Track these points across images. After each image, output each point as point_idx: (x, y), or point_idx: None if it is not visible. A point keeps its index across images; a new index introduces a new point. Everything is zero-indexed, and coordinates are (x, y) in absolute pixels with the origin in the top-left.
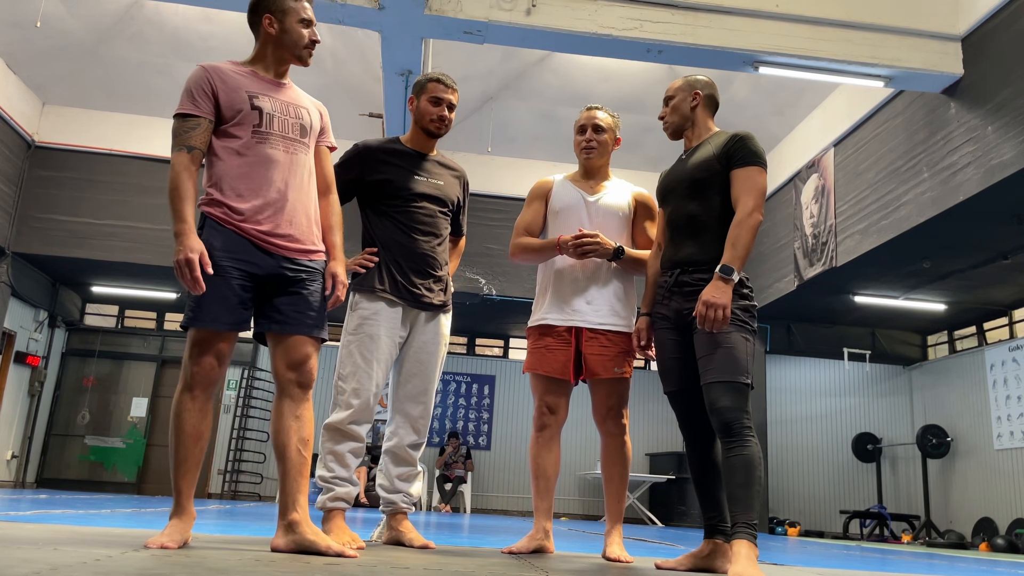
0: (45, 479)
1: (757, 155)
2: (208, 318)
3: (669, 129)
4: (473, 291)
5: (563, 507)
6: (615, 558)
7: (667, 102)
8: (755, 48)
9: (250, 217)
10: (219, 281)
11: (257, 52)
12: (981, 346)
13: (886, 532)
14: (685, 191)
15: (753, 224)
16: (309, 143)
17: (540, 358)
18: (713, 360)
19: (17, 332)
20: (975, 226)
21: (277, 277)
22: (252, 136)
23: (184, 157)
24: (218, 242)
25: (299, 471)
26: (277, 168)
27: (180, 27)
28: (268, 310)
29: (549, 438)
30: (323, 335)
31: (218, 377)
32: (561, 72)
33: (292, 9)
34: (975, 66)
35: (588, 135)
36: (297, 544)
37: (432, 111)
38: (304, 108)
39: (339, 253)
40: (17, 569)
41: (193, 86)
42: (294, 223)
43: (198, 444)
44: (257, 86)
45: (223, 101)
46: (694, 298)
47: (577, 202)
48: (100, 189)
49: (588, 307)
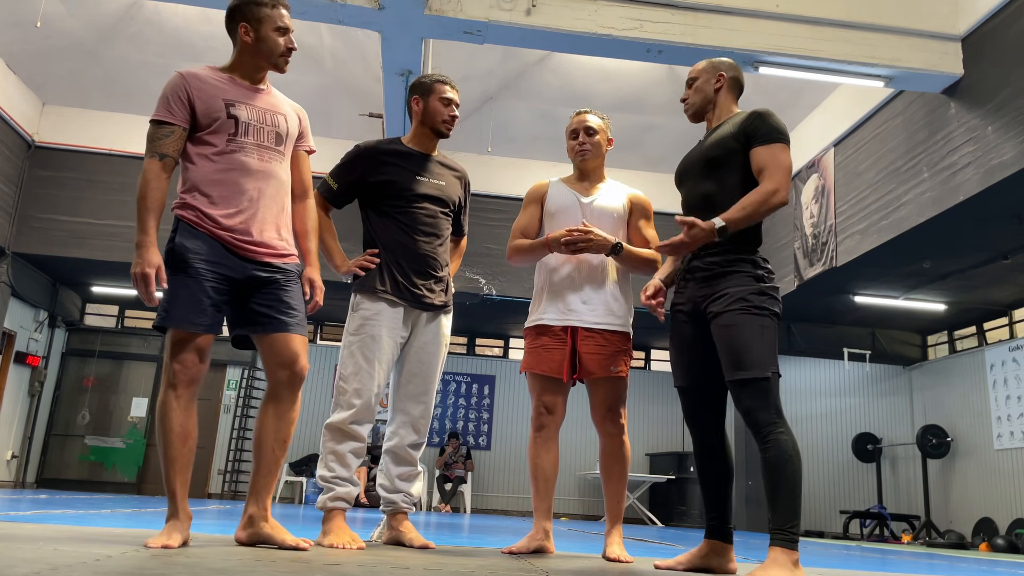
0: (45, 479)
1: (779, 131)
2: (182, 319)
3: (691, 110)
4: (473, 291)
5: (563, 507)
6: (615, 558)
7: (690, 83)
8: (755, 48)
9: (222, 222)
10: (191, 283)
11: (234, 59)
12: (981, 346)
13: (886, 532)
14: (700, 170)
15: (772, 200)
16: (284, 151)
17: (537, 358)
18: (730, 356)
19: (17, 332)
20: (975, 226)
21: (252, 280)
22: (227, 144)
23: (156, 164)
24: (192, 244)
25: (270, 469)
26: (250, 176)
27: (180, 27)
28: (248, 314)
29: (547, 438)
30: (304, 333)
31: (200, 374)
32: (561, 72)
33: (268, 17)
34: (975, 66)
35: (581, 138)
36: (256, 536)
37: (443, 111)
38: (282, 115)
39: (314, 259)
40: (17, 569)
41: (169, 93)
42: (264, 232)
43: (187, 443)
44: (235, 93)
45: (199, 109)
46: (707, 284)
47: (572, 203)
48: (100, 189)
49: (584, 307)
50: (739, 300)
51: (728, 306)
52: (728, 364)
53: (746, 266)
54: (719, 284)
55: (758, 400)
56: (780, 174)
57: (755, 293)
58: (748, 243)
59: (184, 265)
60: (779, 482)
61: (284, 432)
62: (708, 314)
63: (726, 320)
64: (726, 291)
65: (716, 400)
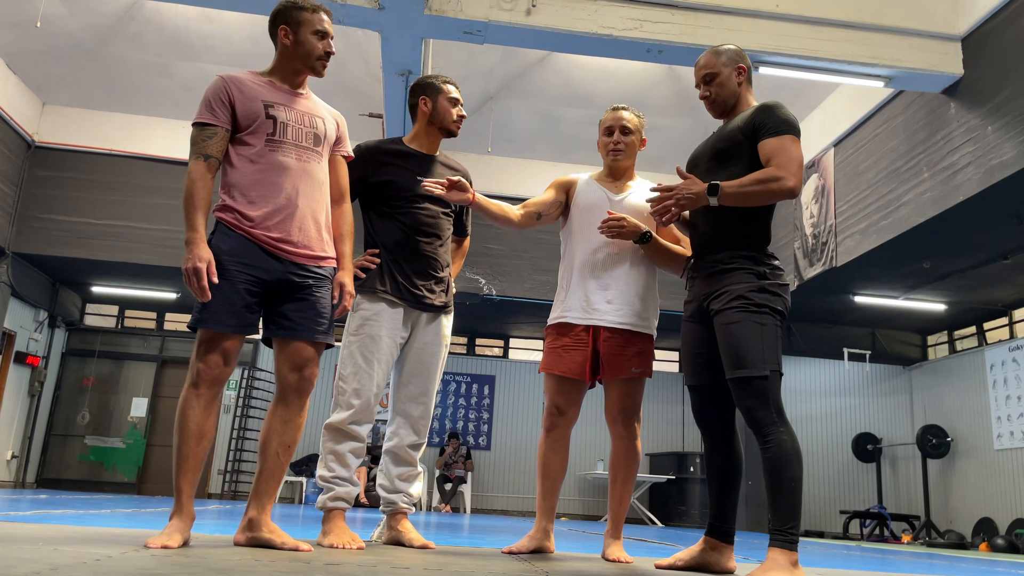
0: (45, 479)
1: (788, 123)
2: (213, 320)
3: (717, 107)
4: (473, 291)
5: (563, 507)
6: (615, 559)
7: (709, 79)
8: (755, 48)
9: (260, 223)
10: (226, 285)
11: (275, 63)
12: (981, 346)
13: (886, 532)
14: (707, 163)
15: (774, 185)
16: (322, 152)
17: (556, 359)
18: (728, 354)
19: (17, 332)
20: (975, 226)
21: (285, 283)
22: (265, 144)
23: (200, 166)
24: (227, 247)
25: (272, 473)
26: (288, 175)
27: (180, 27)
28: (277, 316)
29: (556, 439)
30: (330, 340)
31: (224, 376)
32: (561, 72)
33: (307, 21)
34: (975, 66)
35: (616, 137)
36: (255, 540)
37: (453, 111)
38: (320, 118)
39: (348, 263)
40: (17, 569)
41: (211, 96)
42: (303, 229)
43: (201, 443)
44: (274, 96)
45: (239, 110)
46: (710, 281)
47: (602, 200)
48: (100, 189)
49: (608, 306)
50: (738, 298)
51: (727, 304)
52: (728, 362)
53: (747, 263)
54: (720, 282)
55: (757, 399)
56: (789, 164)
57: (755, 291)
58: (751, 240)
59: (219, 267)
60: (779, 482)
61: (289, 437)
62: (711, 312)
63: (725, 318)
64: (726, 289)
65: (724, 399)
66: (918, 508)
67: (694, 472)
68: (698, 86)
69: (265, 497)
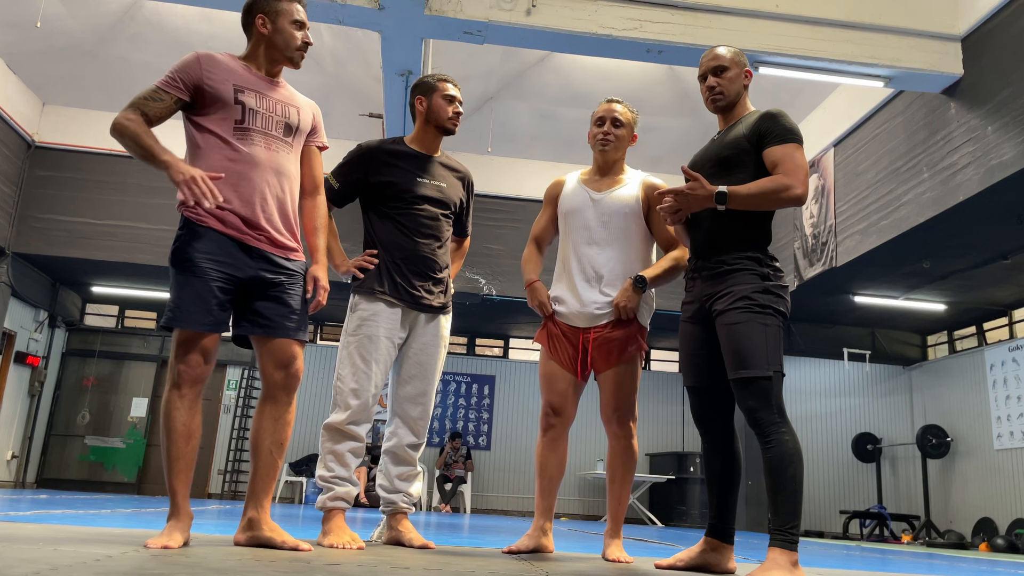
0: (45, 479)
1: (792, 132)
2: (188, 319)
3: (723, 102)
4: (473, 291)
5: (563, 507)
6: (615, 559)
7: (720, 71)
8: (755, 48)
9: (227, 212)
10: (198, 282)
11: (249, 52)
12: (981, 346)
13: (886, 532)
14: (711, 170)
15: (783, 194)
16: (294, 143)
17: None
18: (732, 355)
19: (17, 332)
20: (975, 226)
21: (258, 280)
22: (233, 132)
23: (133, 114)
24: (199, 244)
25: (267, 472)
26: (257, 165)
27: (180, 27)
28: (250, 314)
29: (553, 439)
30: (304, 337)
31: (205, 375)
32: (561, 72)
33: (285, 11)
34: (975, 66)
35: (606, 127)
36: (256, 539)
37: (448, 108)
38: (294, 107)
39: (321, 256)
40: (17, 569)
41: (179, 68)
42: (271, 221)
43: (189, 443)
44: (247, 81)
45: (207, 89)
46: (712, 282)
47: (583, 203)
48: (100, 189)
49: (597, 310)
50: (743, 299)
51: (731, 304)
52: (731, 363)
53: (751, 264)
54: (724, 282)
55: (760, 399)
56: (796, 171)
57: (759, 291)
58: (754, 241)
59: (190, 264)
60: (780, 483)
61: (281, 434)
62: (713, 312)
63: (729, 319)
64: (730, 289)
65: (724, 400)
66: (918, 508)
67: (694, 472)
68: (703, 76)
69: (262, 496)
